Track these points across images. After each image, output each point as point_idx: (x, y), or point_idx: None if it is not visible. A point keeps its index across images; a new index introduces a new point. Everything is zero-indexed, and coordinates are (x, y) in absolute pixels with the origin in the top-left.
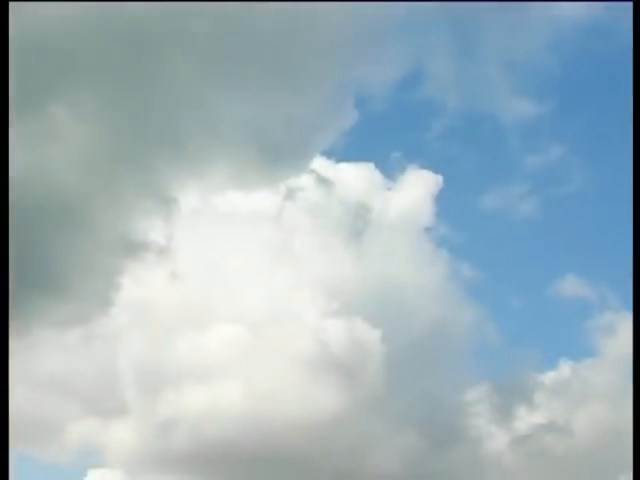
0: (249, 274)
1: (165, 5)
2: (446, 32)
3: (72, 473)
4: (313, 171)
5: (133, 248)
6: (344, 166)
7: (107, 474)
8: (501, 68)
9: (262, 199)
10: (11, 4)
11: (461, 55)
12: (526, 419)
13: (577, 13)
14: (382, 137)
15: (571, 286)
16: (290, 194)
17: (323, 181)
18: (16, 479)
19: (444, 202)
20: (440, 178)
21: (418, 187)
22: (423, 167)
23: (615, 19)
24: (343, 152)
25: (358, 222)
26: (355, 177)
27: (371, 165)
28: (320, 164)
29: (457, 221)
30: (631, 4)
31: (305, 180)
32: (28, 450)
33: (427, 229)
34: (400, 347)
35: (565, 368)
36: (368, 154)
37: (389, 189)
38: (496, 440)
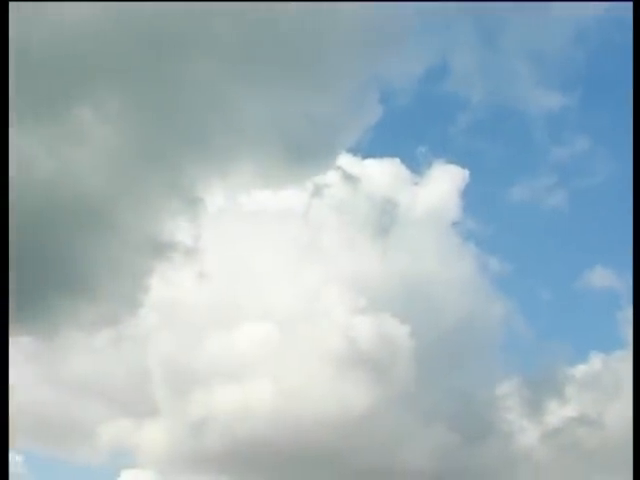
0: (277, 272)
1: (187, 5)
2: (470, 26)
3: (105, 474)
4: (339, 168)
5: (161, 249)
6: (370, 162)
7: (139, 475)
8: (526, 61)
9: (288, 197)
10: (34, 5)
11: (485, 48)
12: (557, 413)
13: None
14: (407, 132)
15: (600, 278)
16: (316, 191)
17: (349, 178)
18: None
19: (471, 196)
20: (466, 172)
21: (444, 182)
22: (449, 161)
23: None
24: (369, 148)
25: (385, 218)
26: (381, 173)
27: (397, 160)
28: (346, 161)
29: (484, 215)
30: (631, 4)
31: (331, 177)
32: (60, 452)
33: (454, 223)
34: (429, 342)
35: (596, 361)
36: (394, 150)
37: (415, 184)
38: (527, 434)
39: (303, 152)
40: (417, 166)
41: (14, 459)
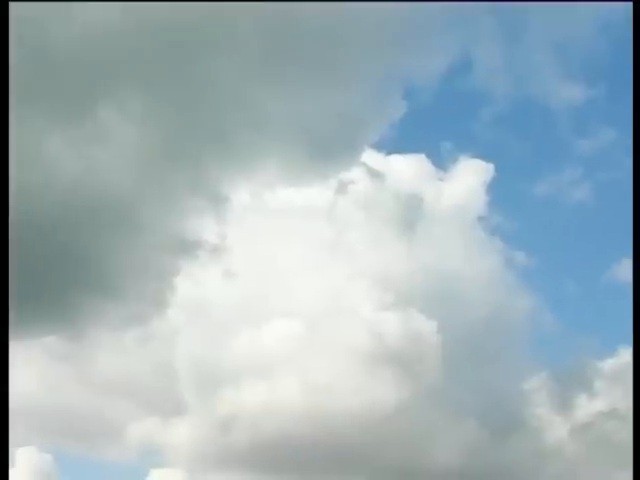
0: (303, 269)
1: (210, 4)
2: (493, 20)
3: (134, 473)
4: (364, 164)
5: (187, 247)
6: (395, 158)
7: (168, 473)
8: (549, 53)
9: (313, 194)
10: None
11: (508, 42)
12: (586, 407)
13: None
14: (432, 127)
15: (627, 271)
16: (341, 188)
17: (374, 174)
18: None
19: (496, 191)
20: (491, 166)
21: (470, 176)
22: (474, 156)
23: None
24: (393, 144)
25: (410, 214)
26: (406, 169)
27: (422, 156)
28: (370, 157)
29: (510, 209)
30: (631, 4)
31: (356, 174)
32: (90, 451)
33: (480, 218)
34: (456, 337)
35: (624, 354)
36: (418, 145)
37: (441, 179)
38: (556, 429)
39: (327, 149)
40: (442, 161)
41: (43, 458)
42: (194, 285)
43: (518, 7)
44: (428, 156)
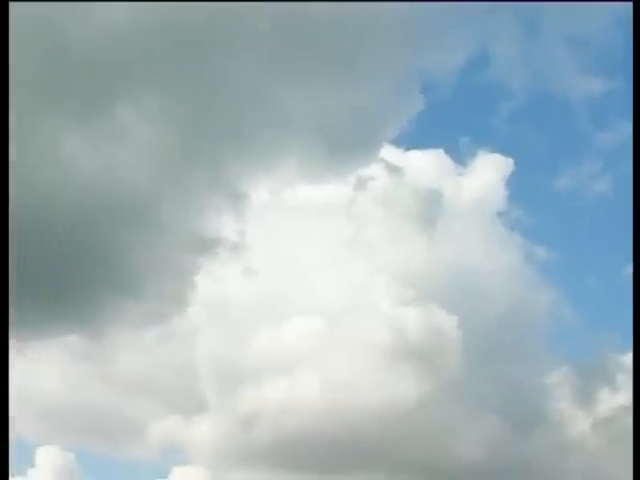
0: (323, 266)
1: (226, 2)
2: (510, 13)
3: (156, 471)
4: (382, 160)
5: (206, 245)
6: (413, 153)
7: (191, 471)
8: (567, 46)
9: (332, 190)
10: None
11: (526, 36)
12: (608, 401)
13: None
14: (450, 122)
15: None
16: (360, 184)
17: (393, 169)
18: (101, 478)
19: (516, 185)
20: (511, 161)
21: (489, 171)
22: (493, 151)
23: None
24: (411, 140)
25: (430, 209)
26: (425, 164)
27: (441, 151)
28: (389, 153)
29: (530, 204)
30: (631, 4)
31: (375, 169)
32: (112, 450)
33: (500, 213)
34: (477, 332)
35: None
36: (437, 140)
37: (460, 175)
38: (578, 423)
39: (346, 145)
40: (461, 156)
41: (66, 456)
42: (214, 283)
43: (535, 1)
44: (447, 151)
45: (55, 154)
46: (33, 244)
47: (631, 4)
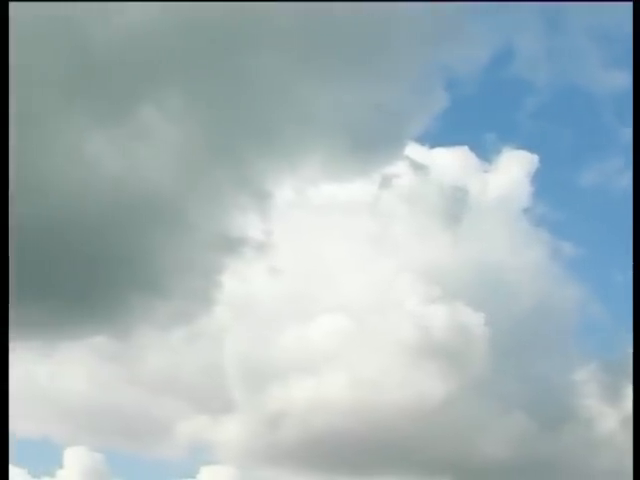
0: (348, 264)
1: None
2: (534, 8)
3: (184, 471)
4: (407, 158)
5: (232, 244)
6: (438, 151)
7: (219, 471)
8: (592, 41)
9: (357, 188)
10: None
11: (550, 30)
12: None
13: None
14: (475, 119)
15: None
16: (385, 182)
17: (418, 167)
18: (130, 479)
19: (541, 181)
20: (536, 157)
21: (514, 168)
22: (518, 147)
23: None
24: (436, 137)
25: (455, 206)
26: (450, 161)
27: (465, 148)
28: (414, 150)
29: (556, 200)
30: (631, 4)
31: (400, 167)
32: (140, 450)
33: (525, 210)
34: (504, 330)
35: None
36: (462, 137)
37: (485, 171)
38: (607, 420)
39: (370, 143)
40: (486, 153)
41: (94, 457)
42: (240, 282)
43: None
44: (472, 148)
45: (80, 154)
46: (59, 245)
47: (631, 4)
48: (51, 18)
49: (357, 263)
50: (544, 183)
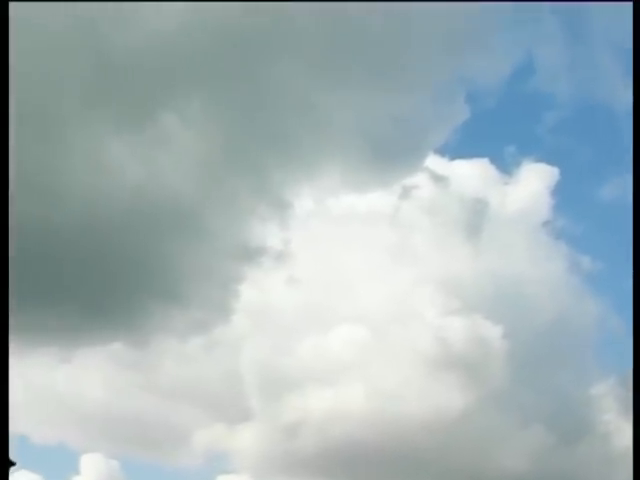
0: (367, 275)
1: (271, 7)
2: (555, 21)
3: (201, 479)
4: (427, 169)
5: (250, 254)
6: (458, 163)
7: (235, 479)
8: (613, 55)
9: (377, 199)
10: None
11: (571, 44)
12: None
13: None
14: (495, 132)
15: None
16: (405, 193)
17: (438, 179)
18: None
19: (561, 195)
20: (556, 170)
21: (534, 181)
22: (538, 160)
23: None
24: (456, 149)
25: (475, 218)
26: (470, 173)
27: (486, 161)
28: (434, 162)
29: (575, 213)
30: (631, 4)
31: (419, 179)
32: (157, 458)
33: (545, 223)
34: (522, 343)
35: None
36: (482, 150)
37: (505, 184)
38: (624, 434)
39: (390, 154)
40: (506, 166)
41: (110, 464)
42: (258, 292)
43: (581, 9)
44: (492, 161)
45: (100, 161)
46: (79, 252)
47: (631, 4)
48: (75, 26)
49: (376, 274)
50: (564, 196)
